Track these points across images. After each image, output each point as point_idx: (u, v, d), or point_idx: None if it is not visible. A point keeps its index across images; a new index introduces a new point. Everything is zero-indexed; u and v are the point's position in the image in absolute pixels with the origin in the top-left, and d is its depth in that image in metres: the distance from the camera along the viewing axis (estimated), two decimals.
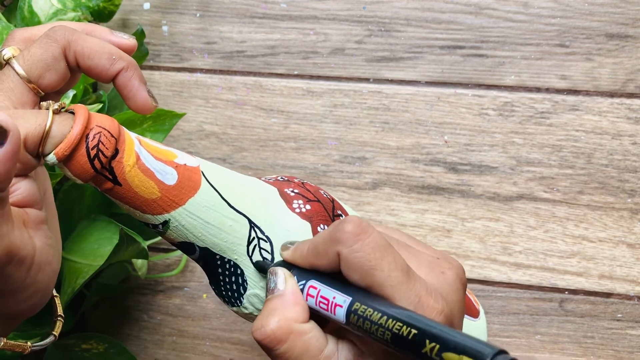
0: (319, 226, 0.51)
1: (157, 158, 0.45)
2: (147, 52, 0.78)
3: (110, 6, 0.73)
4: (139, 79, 0.46)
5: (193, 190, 0.46)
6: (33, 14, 0.69)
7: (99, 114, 0.43)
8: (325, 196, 0.54)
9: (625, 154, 0.75)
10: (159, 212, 0.46)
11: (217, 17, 0.82)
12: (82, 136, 0.41)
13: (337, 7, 0.80)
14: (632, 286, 0.76)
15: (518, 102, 0.77)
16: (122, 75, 0.46)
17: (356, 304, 0.40)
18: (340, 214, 0.54)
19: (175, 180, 0.45)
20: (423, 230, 0.79)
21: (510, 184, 0.77)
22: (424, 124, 0.79)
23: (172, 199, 0.46)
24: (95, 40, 0.45)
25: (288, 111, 0.81)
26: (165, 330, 0.85)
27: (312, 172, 0.81)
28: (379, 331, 0.38)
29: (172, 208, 0.46)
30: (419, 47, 0.79)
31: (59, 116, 0.42)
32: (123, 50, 0.47)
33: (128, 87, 0.46)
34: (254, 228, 0.49)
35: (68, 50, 0.45)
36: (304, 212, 0.51)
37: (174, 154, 0.47)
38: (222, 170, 0.49)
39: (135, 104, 0.47)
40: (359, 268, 0.41)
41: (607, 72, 0.75)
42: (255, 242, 0.49)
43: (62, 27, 0.45)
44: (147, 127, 0.66)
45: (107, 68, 0.45)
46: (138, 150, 0.44)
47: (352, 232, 0.41)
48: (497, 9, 0.77)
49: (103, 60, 0.45)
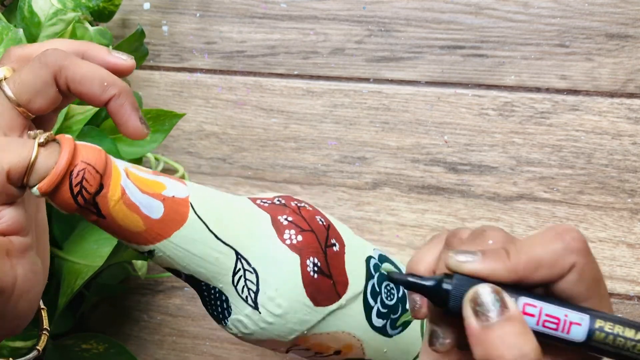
0: (308, 259, 0.51)
1: (144, 191, 0.45)
2: (147, 52, 0.78)
3: (110, 6, 0.73)
4: (131, 105, 0.46)
5: (179, 224, 0.46)
6: (33, 14, 0.69)
7: (86, 145, 0.43)
8: (321, 223, 0.54)
9: (625, 154, 0.75)
10: (144, 243, 0.46)
11: (217, 17, 0.82)
12: (65, 173, 0.41)
13: (337, 7, 0.80)
14: (632, 286, 0.76)
15: (518, 102, 0.77)
16: (113, 102, 0.45)
17: (599, 321, 0.37)
18: (335, 243, 0.54)
19: (161, 213, 0.45)
20: (423, 230, 0.79)
21: (510, 184, 0.77)
22: (424, 124, 0.79)
23: (157, 232, 0.45)
24: (87, 65, 0.45)
25: (288, 111, 0.81)
26: (165, 330, 0.85)
27: (312, 172, 0.81)
28: (637, 347, 0.36)
29: (157, 240, 0.46)
30: (419, 47, 0.79)
31: (45, 149, 0.41)
32: (120, 71, 0.47)
33: (119, 114, 0.45)
34: (241, 259, 0.49)
35: (59, 76, 0.44)
36: (294, 243, 0.50)
37: (163, 186, 0.46)
38: (213, 197, 0.49)
39: (127, 130, 0.46)
40: (590, 279, 0.37)
41: (607, 72, 0.75)
42: (241, 273, 0.49)
43: (55, 51, 0.44)
44: None
45: (99, 95, 0.44)
46: (124, 184, 0.44)
47: (584, 241, 0.38)
48: (497, 9, 0.77)
49: (95, 87, 0.44)
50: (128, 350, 0.75)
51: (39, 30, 0.71)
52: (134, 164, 0.46)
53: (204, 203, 0.48)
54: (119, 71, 0.47)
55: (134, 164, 0.46)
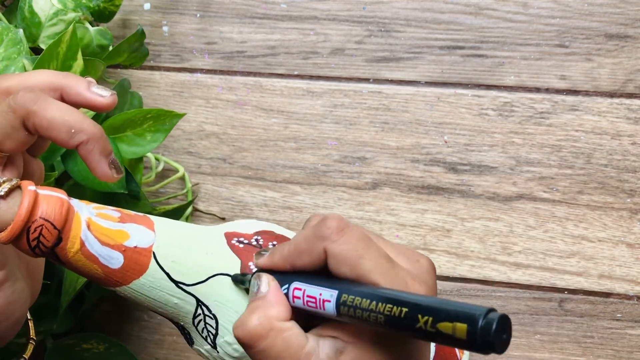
0: None
1: (104, 243, 0.45)
2: (148, 53, 0.78)
3: (111, 6, 0.73)
4: (100, 151, 0.46)
5: (139, 273, 0.46)
6: (34, 14, 0.69)
7: (48, 196, 0.43)
8: None
9: (625, 154, 0.75)
10: (103, 284, 0.46)
11: (218, 17, 0.82)
12: (22, 228, 0.42)
13: (337, 7, 0.80)
14: (632, 286, 0.76)
15: (518, 102, 0.77)
16: (82, 148, 0.45)
17: (344, 296, 0.41)
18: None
19: (120, 264, 0.45)
20: (423, 230, 0.79)
21: (510, 184, 0.77)
22: (423, 124, 0.79)
23: (115, 280, 0.46)
24: (56, 110, 0.44)
25: (288, 111, 0.81)
26: (165, 329, 0.85)
27: (312, 172, 0.81)
28: (372, 317, 0.39)
29: (117, 286, 0.46)
30: (419, 48, 0.79)
31: (6, 201, 0.42)
32: (99, 108, 0.47)
33: (88, 160, 0.46)
34: (201, 306, 0.49)
35: (27, 121, 0.44)
36: None
37: (126, 235, 0.46)
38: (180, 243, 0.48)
39: (96, 175, 0.46)
40: (348, 260, 0.41)
41: (606, 72, 0.76)
42: (201, 317, 0.49)
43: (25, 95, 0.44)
44: (148, 127, 0.66)
45: (66, 141, 0.45)
46: (84, 237, 0.44)
47: (337, 227, 0.42)
48: (497, 10, 0.77)
49: (62, 134, 0.44)
50: (128, 350, 0.75)
51: (40, 30, 0.71)
52: (101, 209, 0.46)
53: (168, 251, 0.47)
54: (97, 108, 0.47)
55: (101, 209, 0.46)
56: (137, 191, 0.68)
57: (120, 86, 0.72)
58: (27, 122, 0.44)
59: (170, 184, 0.83)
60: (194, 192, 0.83)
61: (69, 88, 0.47)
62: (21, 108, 0.44)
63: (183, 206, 0.76)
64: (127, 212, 0.48)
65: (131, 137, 0.66)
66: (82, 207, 0.45)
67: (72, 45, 0.61)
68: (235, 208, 0.82)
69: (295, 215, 0.81)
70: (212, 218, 0.82)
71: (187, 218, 0.80)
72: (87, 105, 0.47)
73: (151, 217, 0.48)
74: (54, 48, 0.61)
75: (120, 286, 0.46)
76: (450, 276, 0.78)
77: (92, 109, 0.47)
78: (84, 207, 0.45)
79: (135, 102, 0.76)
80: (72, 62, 0.62)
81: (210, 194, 0.83)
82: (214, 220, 0.82)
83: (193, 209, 0.82)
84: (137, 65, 0.78)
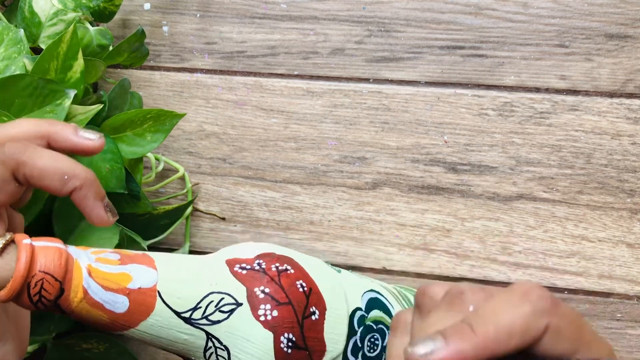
0: (283, 335, 0.50)
1: (108, 288, 0.44)
2: (148, 53, 0.78)
3: (111, 6, 0.73)
4: (94, 196, 0.45)
5: (146, 314, 0.45)
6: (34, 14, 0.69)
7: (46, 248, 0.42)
8: (302, 290, 0.52)
9: (625, 154, 0.75)
10: (111, 330, 0.45)
11: (218, 17, 0.82)
12: (23, 284, 0.41)
13: (337, 7, 0.80)
14: (632, 286, 0.76)
15: (517, 102, 0.77)
16: (75, 194, 0.45)
17: None
18: (314, 311, 0.53)
19: (126, 308, 0.44)
20: (423, 230, 0.79)
21: (510, 184, 0.77)
22: (423, 124, 0.79)
23: (122, 324, 0.45)
24: (47, 158, 0.44)
25: (288, 111, 0.81)
26: None
27: (312, 172, 0.81)
28: None
29: (124, 329, 0.45)
30: (419, 48, 0.79)
31: (2, 258, 0.41)
32: (87, 152, 0.47)
33: (82, 205, 0.45)
34: (212, 339, 0.48)
35: (17, 172, 0.43)
36: (269, 320, 0.50)
37: (129, 277, 0.45)
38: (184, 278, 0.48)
39: (91, 220, 0.46)
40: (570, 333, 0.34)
41: (606, 72, 0.76)
42: (212, 350, 0.48)
43: (13, 146, 0.43)
44: (148, 127, 0.66)
45: (60, 189, 0.44)
46: (86, 285, 0.43)
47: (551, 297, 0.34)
48: (497, 10, 0.77)
49: (54, 182, 0.44)
50: (128, 349, 0.75)
51: (40, 30, 0.71)
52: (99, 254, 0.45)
53: (174, 288, 0.47)
54: (86, 152, 0.47)
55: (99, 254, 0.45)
56: (137, 191, 0.68)
57: (120, 86, 0.72)
58: (17, 173, 0.43)
59: (170, 184, 0.83)
60: (194, 192, 0.83)
61: (55, 135, 0.46)
62: (10, 159, 0.43)
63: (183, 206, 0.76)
64: (126, 252, 0.47)
65: (131, 137, 0.66)
66: (81, 253, 0.44)
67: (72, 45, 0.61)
68: (235, 208, 0.82)
69: (295, 215, 0.81)
70: (212, 218, 0.82)
71: (187, 218, 0.80)
72: (76, 150, 0.46)
73: (150, 254, 0.48)
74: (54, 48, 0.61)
75: (128, 329, 0.45)
76: (450, 276, 0.78)
77: (82, 153, 0.47)
78: (82, 253, 0.44)
79: (135, 102, 0.76)
80: (73, 62, 0.62)
81: (210, 194, 0.83)
82: (214, 220, 0.82)
83: (193, 208, 0.82)
84: (137, 65, 0.78)
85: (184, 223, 0.81)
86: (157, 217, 0.72)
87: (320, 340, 0.53)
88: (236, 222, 0.81)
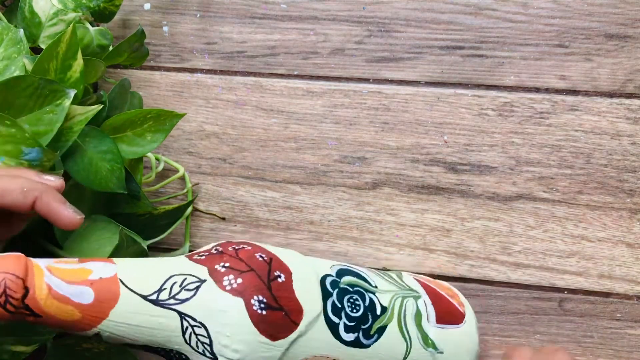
0: (252, 298, 0.51)
1: (70, 282, 0.46)
2: (148, 53, 0.78)
3: (111, 7, 0.73)
4: (56, 200, 0.48)
5: (113, 301, 0.47)
6: (34, 14, 0.69)
7: (3, 256, 0.44)
8: (261, 259, 0.54)
9: (625, 154, 0.75)
10: (87, 328, 0.47)
11: (218, 17, 0.82)
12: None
13: (337, 7, 0.80)
14: (632, 286, 0.76)
15: (517, 103, 0.77)
16: (38, 203, 0.48)
17: None
18: (279, 274, 0.54)
19: (92, 297, 0.46)
20: (423, 230, 0.79)
21: (510, 184, 0.77)
22: (423, 124, 0.79)
23: (94, 316, 0.46)
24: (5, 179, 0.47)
25: (288, 111, 0.81)
26: None
27: (312, 172, 0.81)
28: None
29: (97, 322, 0.47)
30: (419, 48, 0.79)
31: None
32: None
33: (49, 211, 0.48)
34: (185, 318, 0.49)
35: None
36: (235, 287, 0.51)
37: (88, 270, 0.47)
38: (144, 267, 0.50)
39: (62, 222, 0.49)
40: None
41: (606, 72, 0.76)
42: (190, 330, 0.50)
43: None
44: (148, 128, 0.66)
45: (23, 201, 0.47)
46: (48, 280, 0.45)
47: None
48: (497, 10, 0.77)
49: (16, 195, 0.47)
50: (129, 349, 0.75)
51: (40, 30, 0.71)
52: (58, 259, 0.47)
53: (134, 276, 0.49)
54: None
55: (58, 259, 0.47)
56: (137, 191, 0.68)
57: (121, 86, 0.72)
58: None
59: (170, 184, 0.83)
60: (194, 191, 0.83)
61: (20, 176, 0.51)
62: None
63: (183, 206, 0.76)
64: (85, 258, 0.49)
65: (131, 137, 0.66)
66: (39, 259, 0.46)
67: (72, 45, 0.61)
68: (235, 208, 0.82)
69: (295, 215, 0.81)
70: (212, 218, 0.82)
71: (187, 218, 0.80)
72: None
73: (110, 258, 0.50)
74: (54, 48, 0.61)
75: (101, 322, 0.47)
76: (450, 276, 0.78)
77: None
78: (40, 259, 0.46)
79: (135, 102, 0.76)
80: (72, 62, 0.62)
81: (210, 194, 0.83)
82: (214, 220, 0.82)
83: (193, 208, 0.82)
84: (137, 65, 0.78)
85: (184, 223, 0.81)
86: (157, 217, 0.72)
87: (294, 300, 0.54)
88: (236, 222, 0.81)
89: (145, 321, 0.48)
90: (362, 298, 0.60)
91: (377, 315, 0.61)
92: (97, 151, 0.63)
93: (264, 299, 0.52)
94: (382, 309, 0.62)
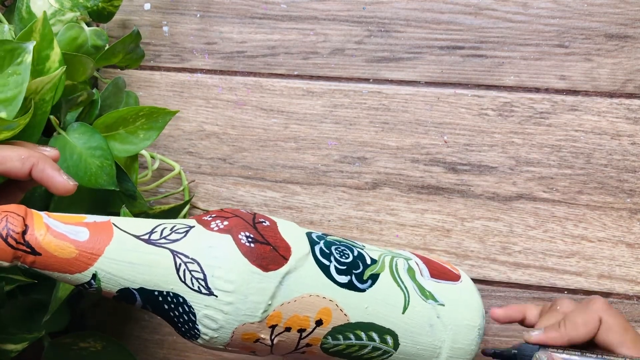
0: (239, 234, 0.54)
1: (67, 222, 0.49)
2: (143, 54, 0.77)
3: (110, 7, 0.73)
4: (52, 167, 0.52)
5: (108, 238, 0.50)
6: (31, 14, 0.69)
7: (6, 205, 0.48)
8: (245, 212, 0.57)
9: (624, 154, 0.75)
10: (84, 267, 0.49)
11: (218, 17, 0.82)
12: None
13: (337, 7, 0.80)
14: (631, 286, 0.76)
15: (517, 103, 0.77)
16: (35, 170, 0.52)
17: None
18: (263, 221, 0.57)
19: (88, 235, 0.49)
20: (423, 230, 0.79)
21: (510, 184, 0.77)
22: (423, 124, 0.79)
23: (90, 252, 0.49)
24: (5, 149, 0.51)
25: (288, 111, 0.81)
26: (165, 329, 0.85)
27: (312, 172, 0.81)
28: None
29: (94, 260, 0.49)
30: (419, 48, 0.79)
31: None
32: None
33: (44, 177, 0.52)
34: (177, 255, 0.52)
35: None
36: (222, 228, 0.54)
37: (83, 216, 0.51)
38: (135, 219, 0.53)
39: (57, 188, 0.53)
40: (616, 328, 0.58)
41: (606, 72, 0.75)
42: (184, 267, 0.52)
43: None
44: (140, 125, 0.66)
45: (21, 167, 0.51)
46: (47, 222, 0.48)
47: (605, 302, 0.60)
48: (497, 10, 0.77)
49: (15, 162, 0.51)
50: (126, 347, 0.75)
51: None
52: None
53: (125, 222, 0.52)
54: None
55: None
56: (132, 190, 0.68)
57: (115, 85, 0.72)
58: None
59: (168, 183, 0.83)
60: (191, 189, 0.83)
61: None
62: None
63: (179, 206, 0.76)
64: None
65: (124, 135, 0.66)
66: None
67: (46, 35, 0.60)
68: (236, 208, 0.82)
69: (295, 215, 0.81)
70: None
71: (185, 216, 0.80)
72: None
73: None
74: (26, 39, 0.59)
75: (96, 259, 0.49)
76: None
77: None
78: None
79: (131, 102, 0.77)
80: (49, 52, 0.61)
81: (210, 194, 0.83)
82: None
83: (191, 206, 0.82)
84: (133, 67, 0.78)
85: None
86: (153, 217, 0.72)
87: (280, 238, 0.56)
88: None
89: (139, 258, 0.50)
90: (350, 250, 0.62)
91: (367, 264, 0.62)
92: (87, 147, 0.63)
93: (251, 234, 0.54)
94: (371, 260, 0.62)
